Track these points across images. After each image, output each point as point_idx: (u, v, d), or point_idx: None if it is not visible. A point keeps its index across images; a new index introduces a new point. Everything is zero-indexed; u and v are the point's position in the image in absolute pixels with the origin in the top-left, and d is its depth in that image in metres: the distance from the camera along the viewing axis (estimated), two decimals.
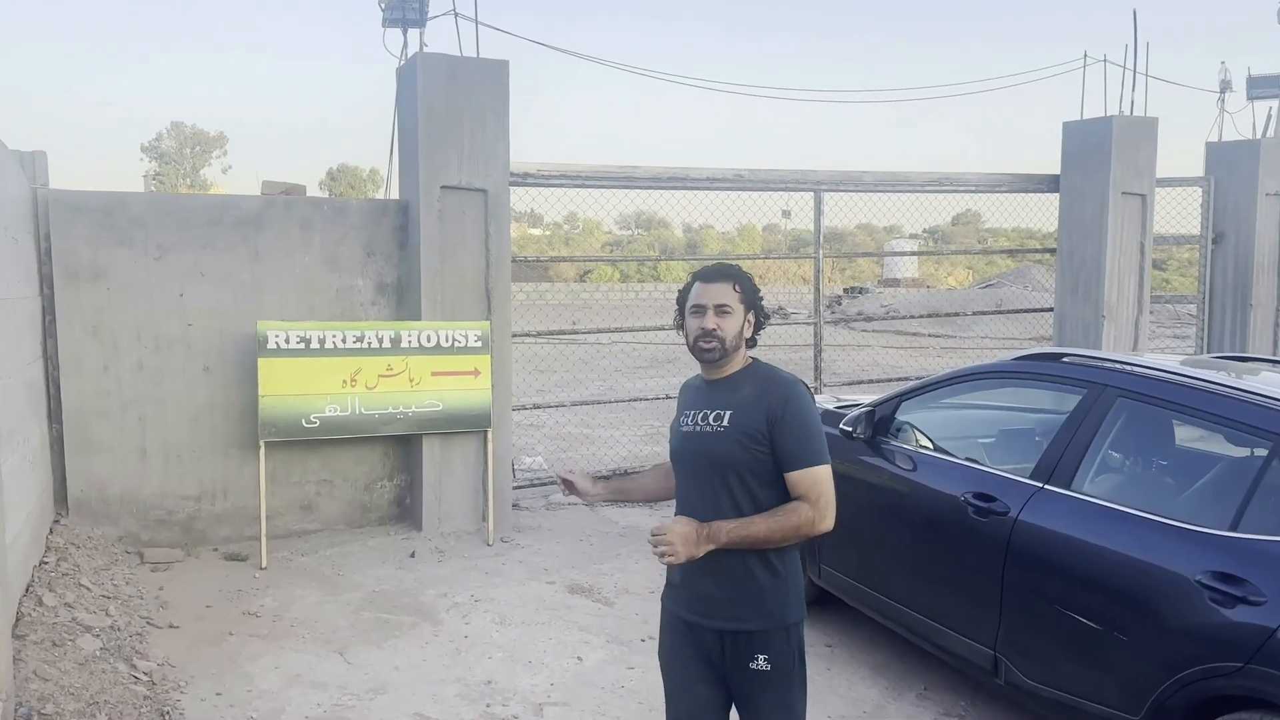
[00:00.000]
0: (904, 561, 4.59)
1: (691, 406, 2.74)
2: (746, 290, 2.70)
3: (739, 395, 2.62)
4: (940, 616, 4.31)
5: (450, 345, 6.44)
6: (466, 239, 6.54)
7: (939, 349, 16.93)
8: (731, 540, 2.51)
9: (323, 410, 6.13)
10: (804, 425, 2.56)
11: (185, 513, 6.23)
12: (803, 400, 2.59)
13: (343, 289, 6.54)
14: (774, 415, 2.55)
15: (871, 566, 4.79)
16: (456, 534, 6.62)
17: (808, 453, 2.56)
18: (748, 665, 2.58)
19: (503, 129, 6.57)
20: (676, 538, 2.47)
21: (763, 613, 2.57)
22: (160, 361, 6.11)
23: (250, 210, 6.29)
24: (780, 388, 2.60)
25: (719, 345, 2.63)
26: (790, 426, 2.55)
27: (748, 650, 2.58)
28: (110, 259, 5.96)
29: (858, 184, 8.35)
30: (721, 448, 2.59)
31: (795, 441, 2.55)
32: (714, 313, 2.64)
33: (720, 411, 2.62)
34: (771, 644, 2.58)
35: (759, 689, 2.60)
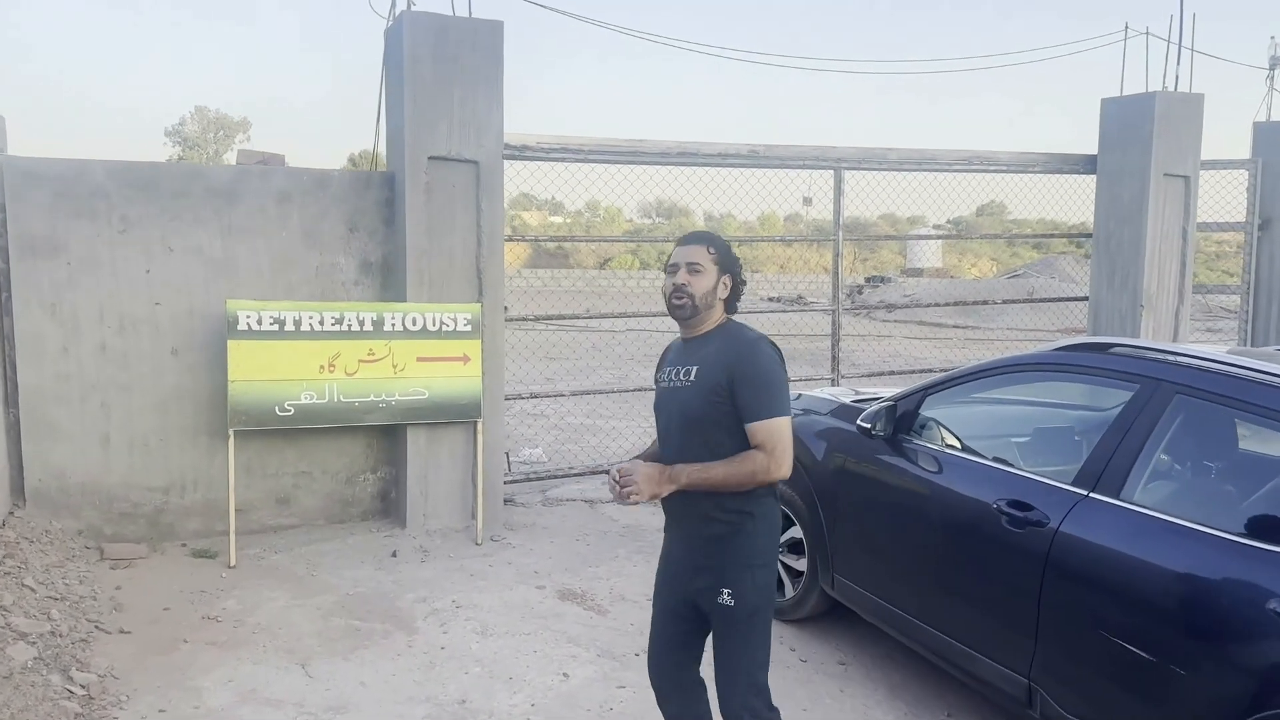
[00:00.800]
0: (927, 575, 4.10)
1: (670, 364, 2.92)
2: (720, 252, 2.87)
3: (706, 351, 2.80)
4: (967, 638, 3.83)
5: (438, 329, 5.98)
6: (456, 215, 6.08)
7: (963, 340, 16.35)
8: (691, 482, 2.69)
9: (298, 397, 5.68)
10: (761, 379, 2.70)
11: (152, 505, 5.81)
12: (761, 355, 2.72)
13: (323, 267, 6.09)
14: (733, 370, 2.70)
15: (890, 579, 4.31)
16: (443, 531, 6.17)
17: (764, 405, 2.69)
18: (716, 600, 2.79)
19: (496, 96, 6.09)
20: (640, 478, 2.65)
21: (727, 552, 2.77)
22: (125, 343, 5.68)
23: (223, 181, 5.85)
24: (741, 344, 2.76)
25: (689, 301, 2.80)
26: (748, 380, 2.69)
27: (716, 586, 2.79)
28: (70, 232, 5.53)
29: (881, 162, 7.82)
30: (689, 401, 2.78)
31: (752, 394, 2.68)
32: (685, 270, 2.81)
33: (689, 367, 2.80)
34: (735, 581, 2.77)
35: (725, 623, 2.80)
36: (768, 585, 2.84)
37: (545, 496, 7.14)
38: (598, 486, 7.33)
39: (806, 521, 4.81)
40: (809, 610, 4.88)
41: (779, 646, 4.69)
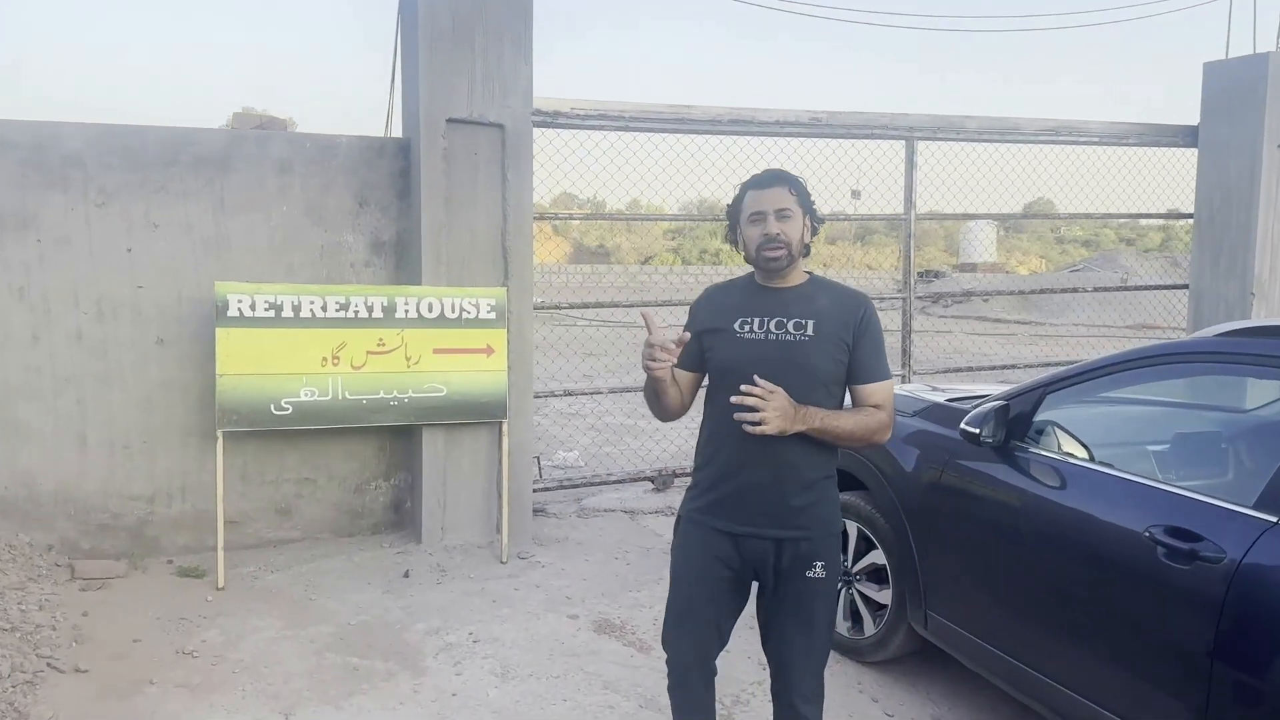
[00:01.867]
0: (1050, 617, 3.27)
1: (749, 313, 2.64)
2: (801, 193, 2.65)
3: (817, 305, 2.61)
4: (1105, 698, 3.00)
5: (457, 316, 5.23)
6: (479, 187, 5.33)
7: (1029, 336, 15.37)
8: (822, 427, 2.51)
9: (297, 394, 4.96)
10: (880, 339, 2.64)
11: (135, 516, 5.13)
12: (876, 315, 2.64)
13: (329, 246, 5.37)
14: (857, 327, 2.58)
15: (1000, 620, 3.48)
16: (463, 547, 5.42)
17: (883, 366, 2.63)
18: (804, 573, 2.59)
19: (524, 48, 5.33)
20: (775, 408, 2.44)
21: (821, 521, 2.61)
22: (104, 331, 5.00)
23: (215, 147, 5.14)
24: (857, 300, 2.64)
25: (786, 252, 2.58)
26: (871, 339, 2.60)
27: (807, 558, 2.59)
28: (41, 205, 4.86)
29: (959, 131, 6.96)
30: (809, 356, 2.56)
31: (873, 355, 2.60)
32: (775, 218, 2.59)
33: (801, 320, 2.59)
34: (826, 551, 2.62)
35: (813, 595, 2.62)
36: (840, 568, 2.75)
37: (580, 506, 6.37)
38: (639, 495, 6.55)
39: (891, 545, 3.99)
40: (893, 651, 4.07)
41: (857, 694, 3.89)
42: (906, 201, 6.91)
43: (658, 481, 6.59)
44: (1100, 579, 3.09)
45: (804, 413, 2.48)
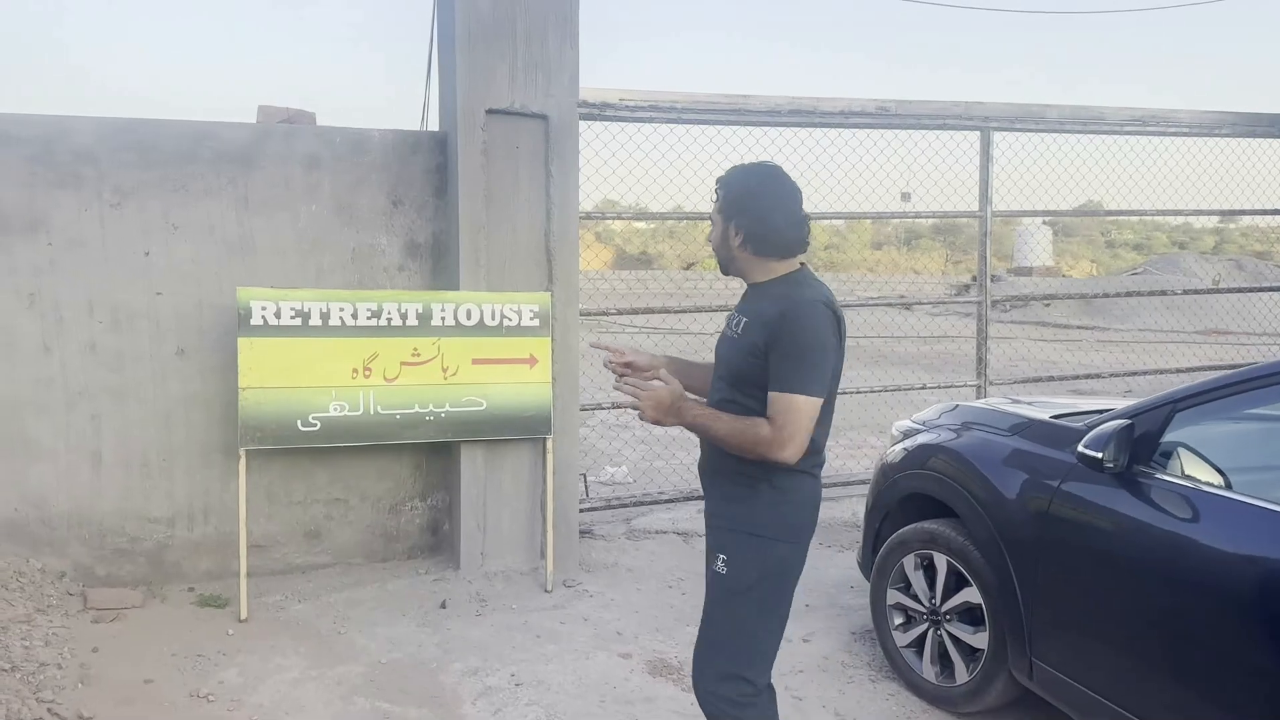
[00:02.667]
0: (1183, 671, 2.79)
1: (735, 311, 2.66)
2: (724, 196, 2.57)
3: (759, 304, 2.54)
4: None
5: (497, 324, 4.82)
6: (521, 183, 4.91)
7: (1094, 342, 14.69)
8: (694, 424, 2.50)
9: (325, 409, 4.57)
10: (794, 349, 2.39)
11: (153, 540, 4.77)
12: (804, 320, 2.40)
13: (361, 249, 4.98)
14: (772, 332, 2.42)
15: (1123, 673, 3.00)
16: (505, 574, 5.00)
17: (789, 377, 2.38)
18: (712, 565, 2.58)
19: (569, 34, 4.91)
20: (650, 399, 2.49)
21: (739, 517, 2.53)
22: (120, 341, 4.65)
23: (238, 143, 4.78)
24: (783, 303, 2.44)
25: (719, 257, 2.63)
26: (782, 346, 2.40)
27: (715, 549, 2.58)
28: (51, 205, 4.52)
29: (1038, 121, 6.43)
30: (732, 355, 2.56)
31: (779, 362, 2.40)
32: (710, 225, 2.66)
33: (740, 318, 2.58)
34: (731, 547, 2.53)
35: (710, 590, 2.59)
36: (775, 566, 2.52)
37: (630, 528, 5.92)
38: (693, 515, 6.09)
39: (988, 582, 3.50)
40: (990, 702, 3.58)
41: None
42: (982, 197, 6.40)
43: None
44: (1244, 627, 2.61)
45: (680, 408, 2.49)
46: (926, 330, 19.27)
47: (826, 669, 4.05)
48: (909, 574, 3.92)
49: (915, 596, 3.88)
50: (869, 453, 8.00)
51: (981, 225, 6.44)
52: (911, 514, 4.05)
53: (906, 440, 4.22)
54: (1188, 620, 2.77)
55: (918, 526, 3.90)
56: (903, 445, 4.21)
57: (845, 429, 9.08)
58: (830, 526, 5.92)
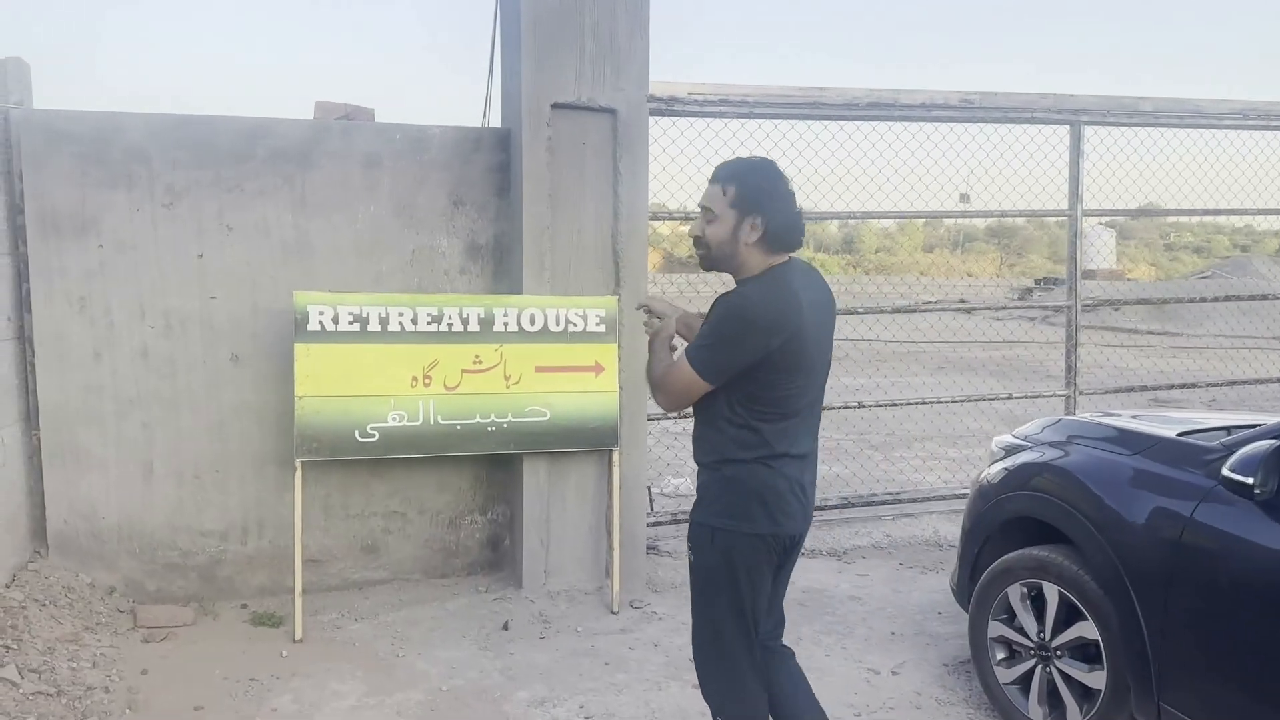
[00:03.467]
0: None
1: None
2: (740, 190, 2.54)
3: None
4: None
5: (562, 330, 4.57)
6: (587, 181, 4.66)
7: (1166, 348, 14.14)
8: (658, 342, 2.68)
9: (384, 419, 4.35)
10: (710, 328, 2.52)
11: (206, 554, 4.58)
12: (726, 308, 2.50)
13: (421, 250, 4.76)
14: (716, 306, 2.55)
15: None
16: (569, 593, 4.74)
17: (696, 344, 2.53)
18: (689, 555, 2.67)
19: (640, 23, 4.65)
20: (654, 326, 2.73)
21: (700, 503, 2.63)
22: (172, 347, 4.47)
23: (295, 140, 4.58)
24: (721, 296, 2.56)
25: (705, 254, 2.62)
26: (712, 317, 2.54)
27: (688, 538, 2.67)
28: (103, 206, 4.36)
29: (1131, 115, 6.04)
30: None
31: (703, 329, 2.54)
32: (701, 217, 2.61)
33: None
34: (693, 536, 2.64)
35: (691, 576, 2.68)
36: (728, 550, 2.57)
37: None
38: None
39: (1108, 616, 3.16)
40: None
41: None
42: (1072, 195, 6.02)
43: None
44: None
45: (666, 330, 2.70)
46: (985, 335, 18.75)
47: (920, 705, 3.73)
48: (1014, 605, 3.58)
49: (1021, 629, 3.55)
50: (944, 464, 7.64)
51: (1071, 225, 6.06)
52: (1016, 539, 3.72)
53: (1008, 458, 3.89)
54: None
55: (1025, 553, 3.57)
56: (1004, 464, 3.88)
57: (918, 439, 8.72)
58: (910, 545, 5.59)
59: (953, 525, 5.91)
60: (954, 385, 8.91)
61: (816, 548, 5.49)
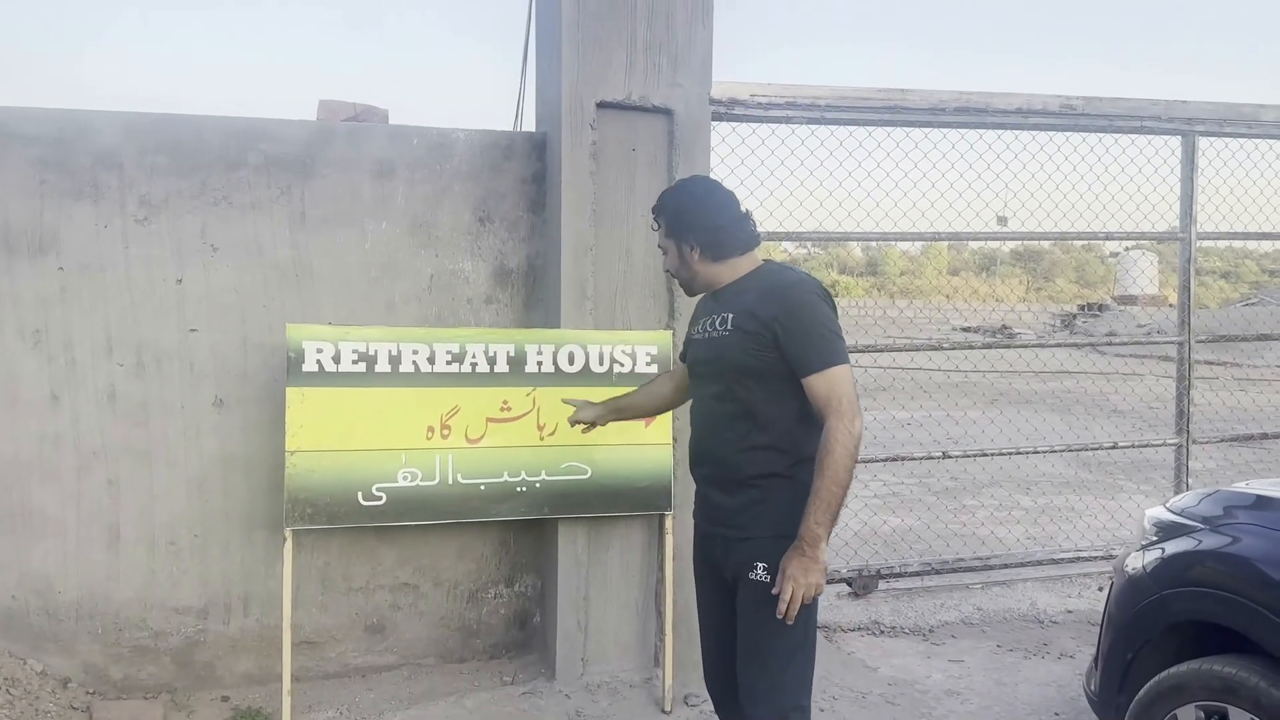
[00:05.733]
0: None
1: (702, 315, 2.69)
2: (669, 222, 2.65)
3: (744, 298, 2.53)
4: None
5: (606, 370, 3.84)
6: (637, 194, 3.94)
7: (1231, 380, 13.28)
8: (825, 526, 2.35)
9: (393, 477, 3.62)
10: (809, 325, 2.42)
11: (181, 635, 3.86)
12: (804, 298, 2.44)
13: (440, 276, 4.05)
14: (777, 317, 2.43)
15: None
16: (610, 686, 3.98)
17: (816, 355, 2.40)
18: (748, 575, 2.46)
19: (701, 8, 3.94)
20: (798, 584, 2.32)
21: (764, 522, 2.46)
22: (145, 389, 3.77)
23: (294, 145, 3.89)
24: (782, 288, 2.48)
25: (683, 280, 2.70)
26: (795, 328, 2.41)
27: (749, 559, 2.46)
28: (65, 220, 3.67)
29: (1251, 125, 5.27)
30: (729, 351, 2.50)
31: (800, 344, 2.41)
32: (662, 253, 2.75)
33: (725, 315, 2.55)
34: (771, 554, 2.42)
35: (755, 599, 2.44)
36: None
37: None
38: (832, 601, 5.00)
39: None
40: None
41: None
42: (1184, 215, 5.25)
43: (856, 584, 5.03)
44: None
45: (806, 544, 2.33)
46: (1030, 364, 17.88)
47: None
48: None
49: None
50: (1021, 517, 6.84)
51: (1184, 249, 5.28)
52: (1184, 644, 2.94)
53: (1168, 541, 3.11)
54: None
55: (1205, 668, 2.78)
56: (1164, 548, 3.09)
57: (985, 485, 7.92)
58: (1007, 622, 4.79)
59: (1050, 595, 5.13)
60: (1020, 422, 8.11)
61: (898, 624, 4.71)
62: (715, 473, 2.57)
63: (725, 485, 2.54)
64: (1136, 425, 11.19)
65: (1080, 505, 7.06)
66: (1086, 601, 5.02)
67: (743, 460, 2.50)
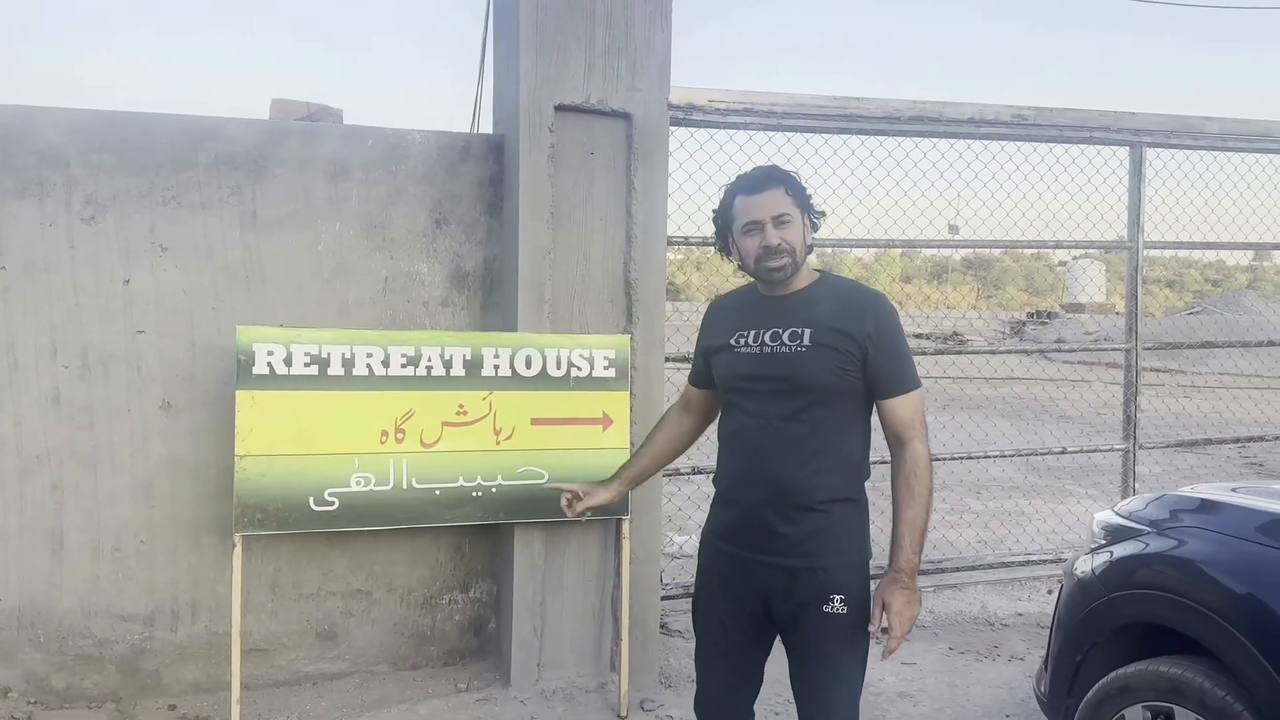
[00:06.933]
0: None
1: (747, 325, 2.41)
2: (799, 193, 2.38)
3: (818, 310, 2.35)
4: None
5: (564, 374, 3.82)
6: (595, 198, 3.94)
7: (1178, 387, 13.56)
8: (920, 555, 2.28)
9: (346, 482, 3.58)
10: (898, 343, 2.33)
11: (127, 643, 3.77)
12: (892, 314, 2.35)
13: (395, 278, 4.01)
14: (869, 333, 2.30)
15: None
16: (566, 692, 3.96)
17: (906, 375, 2.33)
18: (821, 608, 2.30)
19: (660, 12, 3.95)
20: (904, 619, 2.23)
21: (835, 548, 2.33)
22: (90, 393, 3.69)
23: (246, 144, 3.83)
24: (867, 300, 2.35)
25: (790, 260, 2.34)
26: (887, 345, 2.31)
27: (824, 590, 2.30)
28: (7, 219, 3.58)
29: (1197, 137, 5.40)
30: (803, 369, 2.30)
31: (891, 363, 2.32)
32: (773, 225, 2.33)
33: (798, 329, 2.33)
34: (848, 584, 2.32)
35: (829, 634, 2.31)
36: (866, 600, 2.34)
37: None
38: None
39: None
40: None
41: None
42: (1132, 225, 5.36)
43: None
44: None
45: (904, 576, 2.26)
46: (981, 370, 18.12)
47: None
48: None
49: None
50: (972, 520, 6.93)
51: (1131, 258, 5.39)
52: (1132, 646, 2.99)
53: (1116, 545, 3.16)
54: None
55: (1152, 669, 2.82)
56: (1112, 551, 3.15)
57: (937, 489, 7.97)
58: (958, 625, 4.85)
59: (1001, 598, 5.20)
60: (971, 427, 8.23)
61: None
62: (776, 497, 2.34)
63: (788, 511, 2.33)
64: (1085, 430, 11.40)
65: (1030, 509, 7.17)
66: (1036, 604, 5.09)
67: (813, 485, 2.32)
